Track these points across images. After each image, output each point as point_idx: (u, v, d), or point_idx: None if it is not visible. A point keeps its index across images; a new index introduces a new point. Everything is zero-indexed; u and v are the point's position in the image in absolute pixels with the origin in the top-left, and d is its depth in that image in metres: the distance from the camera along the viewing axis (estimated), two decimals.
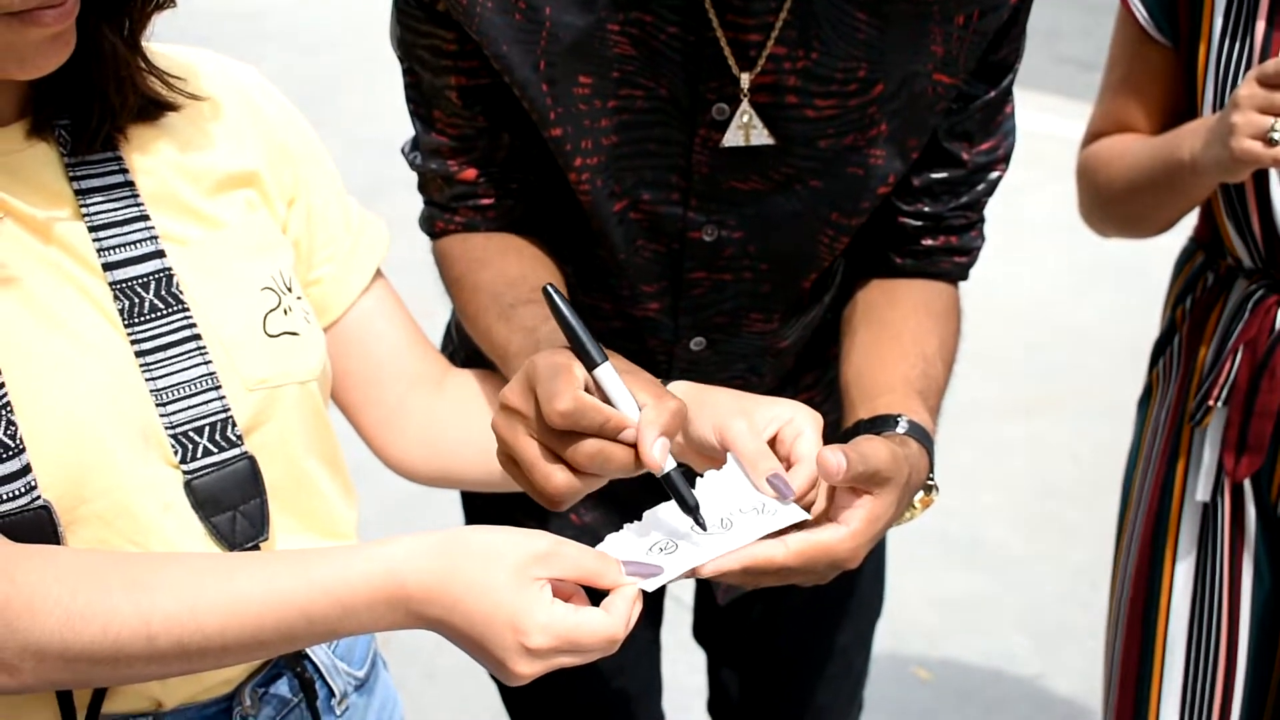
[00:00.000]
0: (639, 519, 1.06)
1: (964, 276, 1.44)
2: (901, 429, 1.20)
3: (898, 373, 1.29)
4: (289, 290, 1.16)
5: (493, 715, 2.66)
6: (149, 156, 1.11)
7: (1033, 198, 5.21)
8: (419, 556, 0.95)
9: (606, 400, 1.01)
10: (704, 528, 1.02)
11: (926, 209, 1.38)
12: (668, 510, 1.05)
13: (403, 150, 1.41)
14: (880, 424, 1.21)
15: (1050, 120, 5.82)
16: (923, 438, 1.20)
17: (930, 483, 1.22)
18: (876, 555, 1.79)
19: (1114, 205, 1.75)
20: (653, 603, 1.80)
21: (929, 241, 1.41)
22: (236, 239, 1.14)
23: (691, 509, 1.01)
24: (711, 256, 1.37)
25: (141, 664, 0.95)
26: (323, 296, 1.25)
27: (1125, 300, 4.57)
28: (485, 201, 1.36)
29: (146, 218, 1.09)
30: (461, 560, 0.94)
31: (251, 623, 0.95)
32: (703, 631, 1.88)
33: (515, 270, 1.32)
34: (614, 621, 0.94)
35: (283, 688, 1.16)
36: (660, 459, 0.99)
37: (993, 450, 3.81)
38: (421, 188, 1.39)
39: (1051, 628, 3.11)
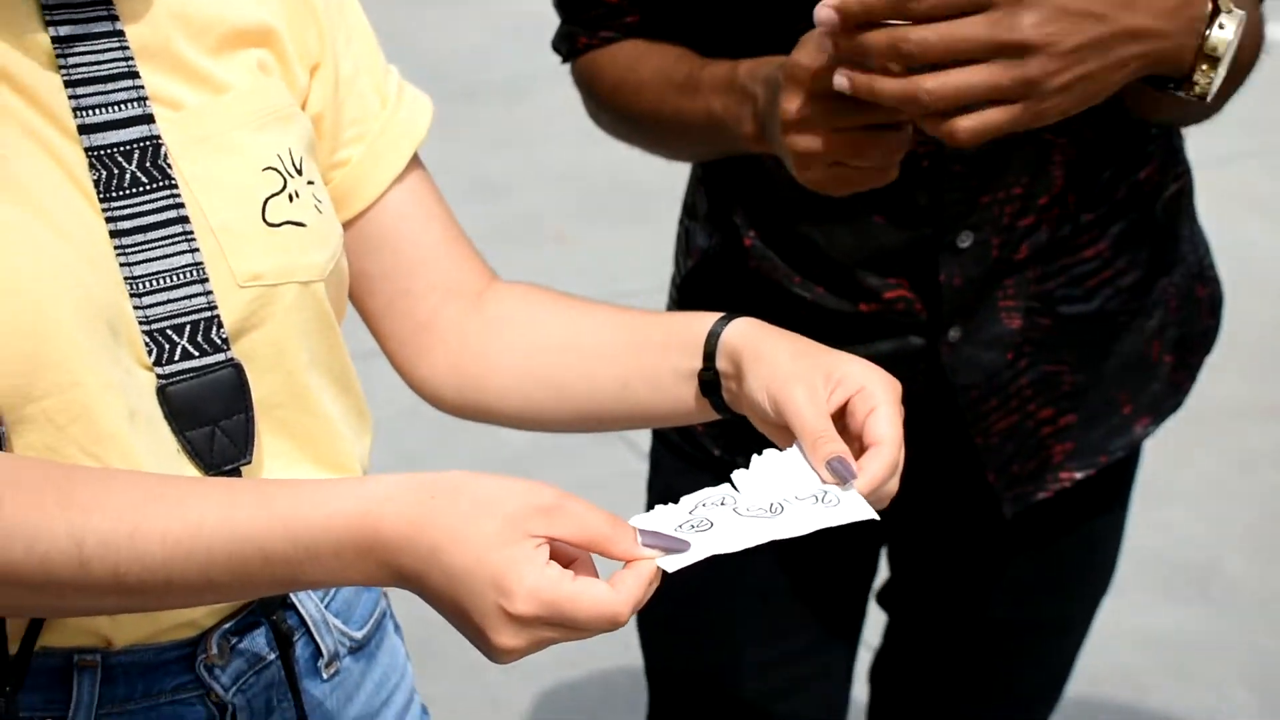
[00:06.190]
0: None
1: None
2: None
3: None
4: (299, 173, 1.19)
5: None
6: (143, 1, 1.14)
7: None
8: (399, 499, 0.98)
9: None
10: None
11: None
12: (710, 491, 1.07)
13: None
14: None
15: None
16: None
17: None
18: (1117, 513, 1.77)
19: None
20: (849, 610, 1.80)
21: None
22: (240, 107, 1.17)
23: None
24: None
25: (73, 593, 0.99)
26: (347, 184, 1.28)
27: None
28: (631, 20, 1.49)
29: (135, 74, 1.12)
30: (446, 504, 0.97)
31: (200, 557, 0.98)
32: (891, 593, 1.88)
33: (679, 51, 1.44)
34: (618, 598, 0.96)
35: (259, 640, 1.20)
36: None
37: (1240, 460, 3.75)
38: (559, 4, 1.55)
39: None
